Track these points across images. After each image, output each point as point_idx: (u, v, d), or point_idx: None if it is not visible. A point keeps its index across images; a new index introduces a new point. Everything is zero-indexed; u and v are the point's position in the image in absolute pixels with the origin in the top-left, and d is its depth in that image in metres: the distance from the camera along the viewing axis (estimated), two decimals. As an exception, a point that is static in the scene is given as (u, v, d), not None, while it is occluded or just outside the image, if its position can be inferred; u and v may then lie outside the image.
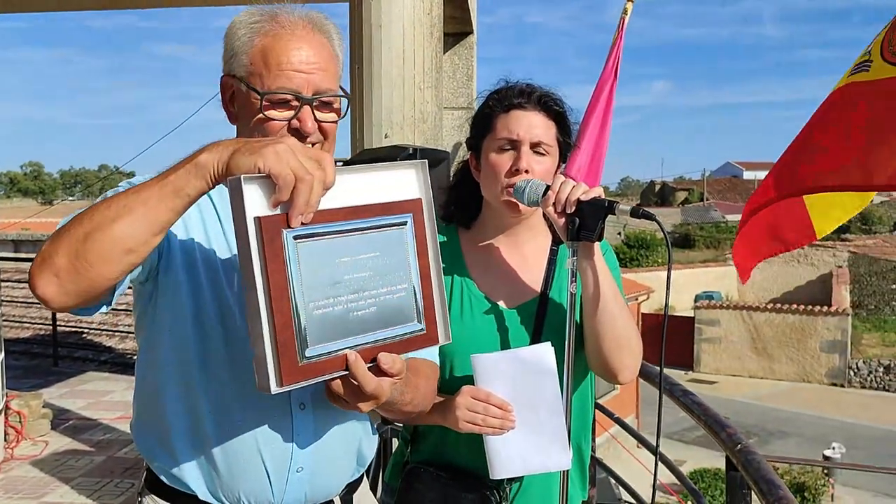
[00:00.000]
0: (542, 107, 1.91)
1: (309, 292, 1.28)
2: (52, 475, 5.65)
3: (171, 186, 1.26)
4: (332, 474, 1.64)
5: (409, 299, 1.42)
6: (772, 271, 34.16)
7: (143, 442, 1.62)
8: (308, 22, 1.54)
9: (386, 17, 3.72)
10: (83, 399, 7.81)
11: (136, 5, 7.27)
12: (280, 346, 1.24)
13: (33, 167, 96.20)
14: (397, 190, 1.42)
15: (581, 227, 1.73)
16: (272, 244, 1.24)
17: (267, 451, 1.54)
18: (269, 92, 1.49)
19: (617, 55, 5.45)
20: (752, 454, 2.14)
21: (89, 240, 1.25)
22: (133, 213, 1.25)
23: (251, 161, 1.22)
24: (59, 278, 1.27)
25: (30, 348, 10.39)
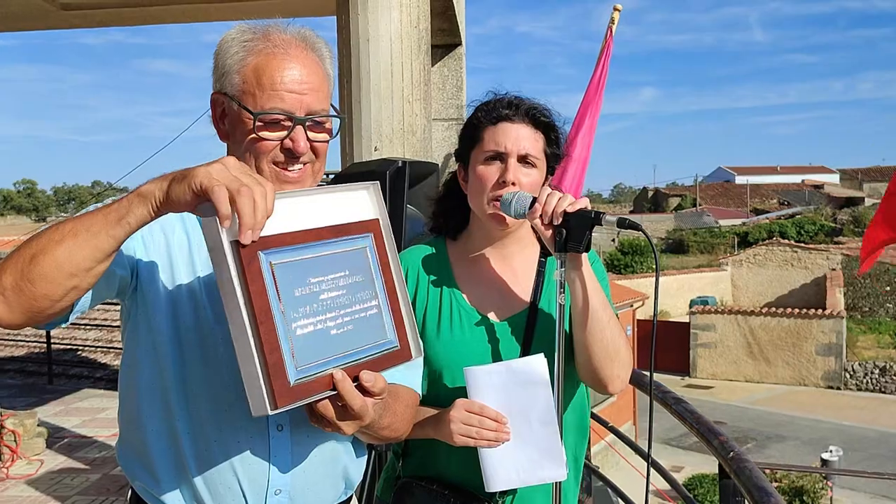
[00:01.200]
0: (530, 119, 1.90)
1: (290, 313, 1.28)
2: (47, 494, 5.63)
3: (114, 215, 1.28)
4: (314, 497, 1.61)
5: (379, 316, 1.43)
6: (766, 275, 34.28)
7: (126, 461, 1.61)
8: (301, 41, 1.54)
9: (374, 31, 3.73)
10: (78, 417, 7.78)
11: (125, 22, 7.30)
12: (270, 368, 1.24)
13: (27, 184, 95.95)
14: (353, 211, 1.43)
15: (568, 238, 1.73)
16: (251, 266, 1.24)
17: (243, 472, 1.53)
18: (262, 112, 1.48)
19: (605, 63, 5.48)
20: (745, 461, 2.15)
21: (34, 261, 1.28)
22: (77, 237, 1.28)
23: (185, 185, 1.23)
24: (4, 296, 1.30)
25: (24, 366, 10.36)
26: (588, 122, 5.49)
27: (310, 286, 1.32)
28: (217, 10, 6.59)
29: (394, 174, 3.00)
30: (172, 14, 7.04)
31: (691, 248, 44.66)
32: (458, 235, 2.05)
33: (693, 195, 61.94)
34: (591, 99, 5.52)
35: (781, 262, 34.14)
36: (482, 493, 1.85)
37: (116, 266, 1.46)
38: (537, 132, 1.91)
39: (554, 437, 1.80)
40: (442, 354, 1.91)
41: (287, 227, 1.30)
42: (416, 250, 2.06)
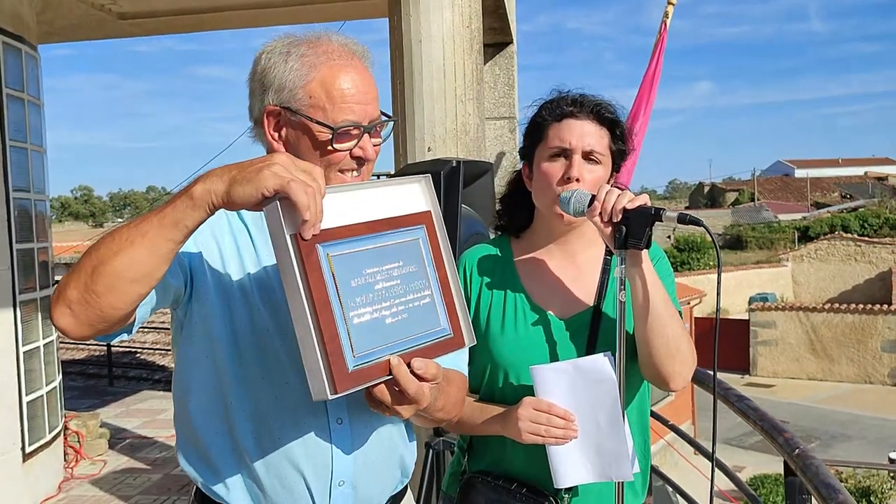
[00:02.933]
0: (595, 115, 1.90)
1: (347, 302, 1.34)
2: (111, 493, 5.75)
3: (168, 219, 1.30)
4: (375, 486, 1.66)
5: (433, 305, 1.48)
6: (828, 270, 33.50)
7: (189, 462, 1.65)
8: (354, 53, 1.60)
9: (426, 32, 3.73)
10: (139, 418, 7.94)
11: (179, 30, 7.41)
12: (330, 355, 1.30)
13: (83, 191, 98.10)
14: (406, 204, 1.48)
15: (628, 234, 1.71)
16: (309, 258, 1.29)
17: (307, 466, 1.57)
18: (341, 126, 1.53)
19: (659, 57, 5.41)
20: (811, 458, 2.11)
21: (95, 273, 1.31)
22: (134, 245, 1.30)
23: (253, 188, 1.26)
24: (71, 310, 1.33)
25: (85, 369, 10.61)
26: (642, 118, 5.43)
27: (365, 277, 1.38)
28: (268, 15, 6.64)
29: (448, 174, 2.99)
30: (225, 20, 7.12)
31: (750, 243, 43.90)
32: (522, 233, 2.05)
33: (751, 190, 60.82)
34: (644, 93, 5.45)
35: (844, 256, 33.32)
36: (548, 487, 1.86)
37: (171, 276, 1.49)
38: (602, 129, 1.90)
39: (621, 435, 1.80)
40: (506, 352, 1.92)
41: (342, 220, 1.35)
42: (478, 249, 2.08)
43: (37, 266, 5.61)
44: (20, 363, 5.29)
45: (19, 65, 5.45)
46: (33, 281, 5.55)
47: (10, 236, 5.21)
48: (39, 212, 5.73)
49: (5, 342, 5.18)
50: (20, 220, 5.36)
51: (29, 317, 5.45)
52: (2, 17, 5.22)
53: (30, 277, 5.50)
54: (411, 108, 3.79)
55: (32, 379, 5.45)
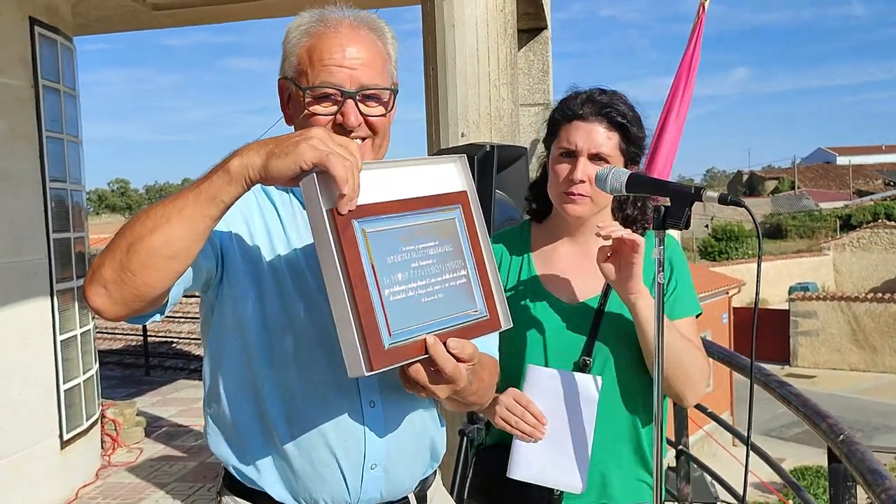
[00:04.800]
0: (605, 117, 1.91)
1: (383, 279, 1.32)
2: (147, 481, 5.81)
3: (205, 195, 1.28)
4: (407, 470, 1.65)
5: (469, 286, 1.46)
6: (871, 259, 32.95)
7: (217, 445, 1.64)
8: (354, 20, 1.56)
9: (459, 17, 3.68)
10: (175, 407, 8.02)
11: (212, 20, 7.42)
12: (366, 331, 1.28)
13: (120, 184, 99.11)
14: (442, 183, 1.46)
15: (667, 215, 1.68)
16: (345, 233, 1.27)
17: (340, 450, 1.55)
18: (311, 87, 1.51)
19: (696, 44, 5.31)
20: (856, 444, 2.08)
21: (131, 251, 1.29)
22: (170, 222, 1.28)
23: (291, 162, 1.24)
24: (106, 289, 1.31)
25: (122, 359, 10.76)
26: (678, 105, 5.34)
27: (401, 254, 1.36)
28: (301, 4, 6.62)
29: (482, 158, 2.95)
30: (257, 10, 7.11)
31: (790, 232, 43.28)
32: (545, 219, 2.10)
33: (791, 178, 59.93)
34: (681, 80, 5.37)
35: (888, 245, 32.73)
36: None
37: (203, 257, 1.46)
38: (612, 131, 1.92)
39: (584, 452, 1.91)
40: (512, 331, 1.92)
41: (378, 196, 1.33)
42: (504, 233, 2.16)
43: (73, 256, 5.66)
44: (58, 351, 5.35)
45: (55, 56, 5.49)
46: (70, 271, 5.60)
47: (48, 226, 5.26)
48: (76, 202, 5.78)
49: (43, 331, 5.24)
50: (57, 210, 5.40)
51: (66, 306, 5.50)
52: (37, 8, 5.26)
53: (66, 267, 5.55)
54: (444, 94, 3.75)
55: (70, 367, 5.51)
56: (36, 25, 5.21)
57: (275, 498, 1.58)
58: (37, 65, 5.20)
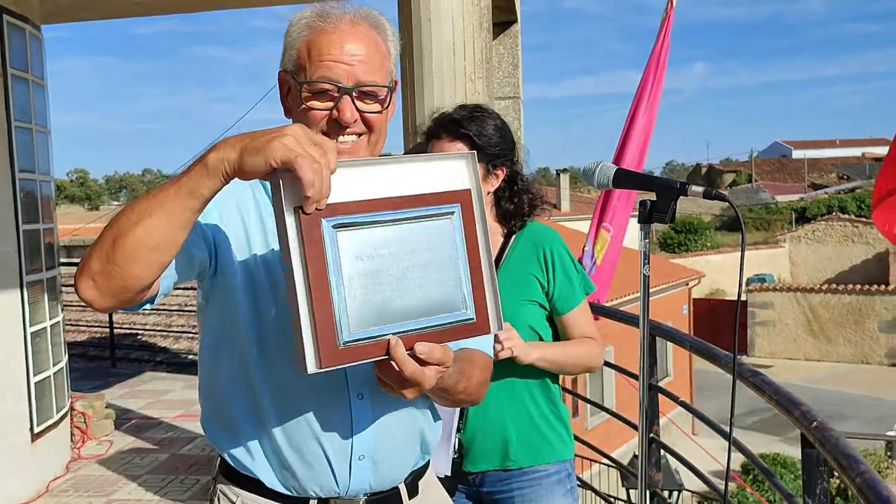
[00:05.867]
0: (447, 132, 2.33)
1: (350, 278, 1.32)
2: (118, 473, 5.78)
3: (185, 188, 1.31)
4: (395, 462, 1.68)
5: (456, 289, 1.44)
6: (825, 252, 33.58)
7: (214, 435, 1.68)
8: (354, 16, 1.58)
9: (435, 10, 3.74)
10: (143, 399, 7.95)
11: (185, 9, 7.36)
12: (319, 328, 1.29)
13: (79, 174, 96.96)
14: (446, 180, 1.45)
15: (653, 209, 1.75)
16: (310, 232, 1.29)
17: (327, 440, 1.59)
18: (308, 81, 1.54)
19: (665, 39, 5.40)
20: (829, 430, 2.14)
21: (116, 243, 1.33)
22: (152, 215, 1.32)
23: (262, 159, 1.26)
24: (95, 281, 1.36)
25: (87, 351, 10.60)
26: (647, 99, 5.42)
27: (376, 253, 1.36)
28: (273, -7, 6.62)
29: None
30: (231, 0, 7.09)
31: (747, 225, 43.88)
32: None
33: (748, 171, 60.79)
34: (650, 75, 5.44)
35: (841, 237, 33.41)
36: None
37: (196, 248, 1.51)
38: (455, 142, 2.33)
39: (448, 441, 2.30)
40: None
41: (358, 195, 1.34)
42: None
43: (42, 247, 5.60)
44: (28, 344, 5.30)
45: (23, 45, 5.42)
46: (39, 262, 5.55)
47: (17, 217, 5.20)
48: (44, 193, 5.72)
49: (13, 323, 5.19)
50: (26, 201, 5.34)
51: (35, 298, 5.45)
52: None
53: (36, 259, 5.49)
54: (420, 87, 3.80)
55: (40, 360, 5.46)
56: (4, 14, 5.14)
57: (267, 485, 1.62)
58: (5, 54, 5.13)
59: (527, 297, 2.33)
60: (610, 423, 15.64)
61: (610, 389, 17.77)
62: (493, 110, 2.47)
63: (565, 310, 2.36)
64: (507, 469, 2.38)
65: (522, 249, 2.36)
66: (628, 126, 5.24)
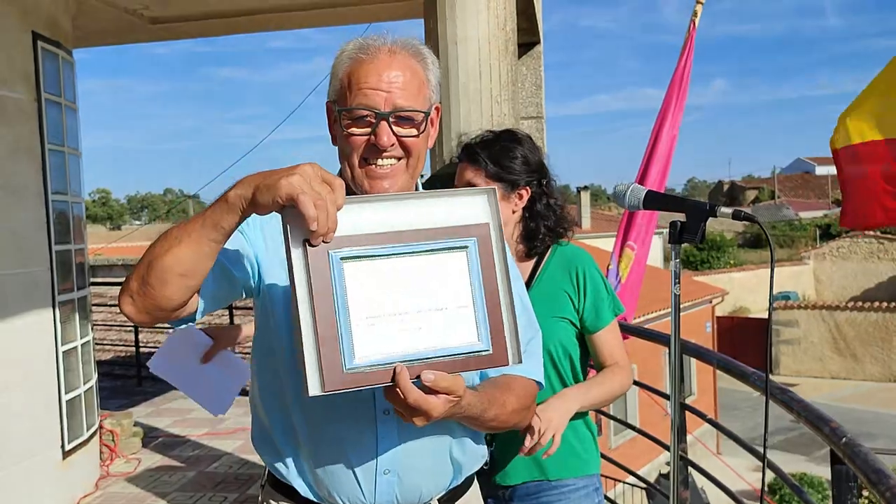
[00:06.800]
0: (468, 156, 2.40)
1: (356, 308, 1.39)
2: (147, 490, 5.83)
3: (209, 221, 1.42)
4: (423, 478, 1.71)
5: (469, 321, 1.46)
6: (850, 268, 33.25)
7: (260, 446, 1.80)
8: (393, 45, 1.65)
9: (462, 34, 3.79)
10: (169, 417, 8.00)
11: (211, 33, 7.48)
12: (323, 354, 1.36)
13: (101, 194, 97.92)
14: (461, 215, 1.48)
15: (683, 230, 1.77)
16: (316, 263, 1.37)
17: (353, 453, 1.66)
18: (346, 108, 1.62)
19: (688, 57, 5.42)
20: (859, 446, 2.15)
21: (150, 267, 1.46)
22: (181, 244, 1.44)
23: (270, 197, 1.35)
24: (133, 299, 1.50)
25: (112, 370, 10.68)
26: (671, 118, 5.44)
27: (383, 285, 1.41)
28: (300, 17, 6.71)
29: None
30: (255, 23, 7.19)
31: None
32: None
33: (771, 188, 60.44)
34: (673, 93, 5.46)
35: (867, 254, 33.08)
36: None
37: (237, 270, 1.62)
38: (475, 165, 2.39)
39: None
40: None
41: (372, 229, 1.41)
42: None
43: (74, 267, 5.70)
44: (59, 363, 5.38)
45: (56, 69, 5.54)
46: (71, 282, 5.64)
47: (49, 238, 5.30)
48: (76, 214, 5.82)
49: (46, 342, 5.28)
50: (58, 222, 5.44)
51: (67, 317, 5.53)
52: (40, 22, 5.31)
53: (67, 278, 5.59)
54: (447, 110, 3.85)
55: (71, 378, 5.54)
56: (39, 40, 5.26)
57: (301, 494, 1.71)
58: (39, 78, 5.25)
59: (559, 315, 2.37)
60: (634, 443, 15.56)
61: (634, 408, 17.67)
62: (520, 133, 2.51)
63: (595, 329, 2.40)
64: (537, 481, 2.41)
65: (555, 269, 2.40)
66: (652, 144, 5.25)
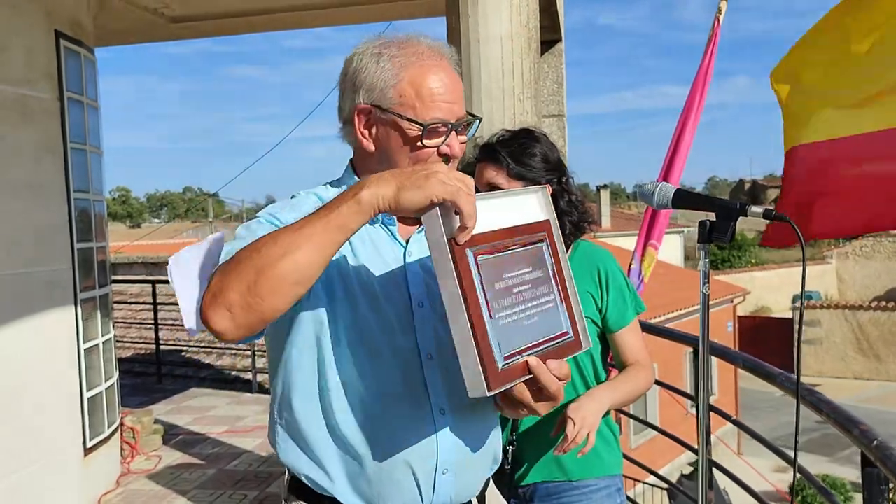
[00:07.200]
0: (489, 156, 2.37)
1: (493, 304, 1.42)
2: (167, 488, 5.85)
3: (334, 223, 1.37)
4: (473, 474, 1.72)
5: (556, 310, 1.56)
6: (874, 268, 32.96)
7: (287, 453, 1.68)
8: (442, 54, 1.67)
9: (484, 32, 3.77)
10: (189, 415, 8.04)
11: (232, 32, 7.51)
12: (483, 354, 1.38)
13: (121, 192, 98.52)
14: (527, 213, 1.57)
15: (713, 229, 1.75)
16: (462, 262, 1.38)
17: (413, 456, 1.62)
18: (430, 123, 1.60)
19: (712, 55, 5.37)
20: (891, 449, 2.14)
21: (260, 276, 1.35)
22: (300, 249, 1.36)
23: (423, 195, 1.35)
24: (231, 313, 1.37)
25: (132, 367, 10.74)
26: (694, 115, 5.39)
27: (505, 281, 1.46)
28: (319, 16, 6.70)
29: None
30: (274, 22, 7.21)
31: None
32: None
33: (792, 187, 59.82)
34: (696, 90, 5.41)
35: (891, 253, 32.75)
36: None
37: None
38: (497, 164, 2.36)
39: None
40: None
41: (483, 226, 1.44)
42: None
43: (96, 265, 5.72)
44: (81, 360, 5.41)
45: (79, 68, 5.56)
46: (92, 280, 5.66)
47: (72, 236, 5.33)
48: (97, 212, 5.85)
49: (68, 339, 5.31)
50: (80, 220, 5.47)
51: (89, 315, 5.56)
52: (63, 22, 5.33)
53: (89, 276, 5.61)
54: (469, 108, 3.82)
55: (93, 375, 5.57)
56: (61, 39, 5.29)
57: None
58: (62, 77, 5.28)
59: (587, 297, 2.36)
60: (654, 443, 15.47)
61: (654, 407, 17.59)
62: (538, 131, 2.50)
63: (617, 328, 2.38)
64: (558, 481, 2.39)
65: (577, 268, 2.37)
66: (675, 142, 5.20)
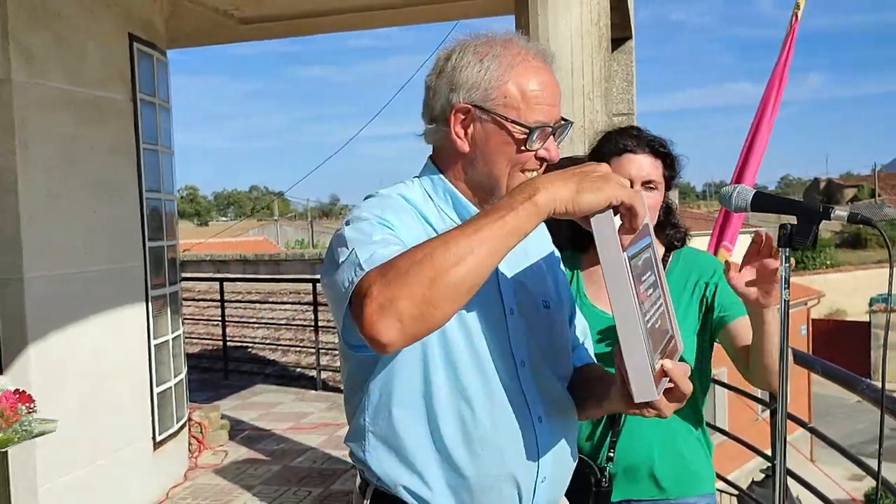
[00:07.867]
0: (650, 149, 2.24)
1: (642, 308, 1.40)
2: (233, 483, 5.94)
3: (509, 227, 1.33)
4: (564, 479, 1.73)
5: (666, 312, 1.57)
6: (956, 271, 31.75)
7: (380, 462, 1.61)
8: (544, 56, 1.63)
9: (553, 30, 3.70)
10: (254, 411, 8.16)
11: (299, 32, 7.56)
12: (650, 358, 1.37)
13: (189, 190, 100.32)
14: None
15: (794, 233, 1.68)
16: (628, 265, 1.36)
17: (517, 465, 1.59)
18: (537, 125, 1.56)
19: (789, 52, 5.22)
20: None
21: (435, 284, 1.28)
22: (474, 254, 1.30)
23: (603, 198, 1.34)
24: (402, 323, 1.28)
25: (199, 363, 10.93)
26: (770, 113, 5.25)
27: (642, 283, 1.44)
28: (387, 15, 6.70)
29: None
30: (342, 23, 7.23)
31: (870, 242, 42.01)
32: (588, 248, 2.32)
33: (871, 185, 58.15)
34: (773, 88, 5.27)
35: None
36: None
37: None
38: (657, 160, 2.25)
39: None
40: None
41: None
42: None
43: (166, 263, 5.83)
44: (151, 356, 5.52)
45: (151, 70, 5.67)
46: (163, 277, 5.78)
47: (144, 235, 5.44)
48: (168, 211, 5.96)
49: (139, 336, 5.42)
50: (152, 219, 5.58)
51: (159, 312, 5.67)
52: (135, 24, 5.44)
53: (160, 274, 5.72)
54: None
55: (162, 371, 5.68)
56: (135, 41, 5.40)
57: None
58: (135, 79, 5.39)
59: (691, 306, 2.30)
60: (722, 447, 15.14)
61: (722, 411, 17.23)
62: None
63: (736, 315, 2.21)
64: (655, 500, 2.31)
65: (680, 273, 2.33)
66: (750, 141, 5.06)
